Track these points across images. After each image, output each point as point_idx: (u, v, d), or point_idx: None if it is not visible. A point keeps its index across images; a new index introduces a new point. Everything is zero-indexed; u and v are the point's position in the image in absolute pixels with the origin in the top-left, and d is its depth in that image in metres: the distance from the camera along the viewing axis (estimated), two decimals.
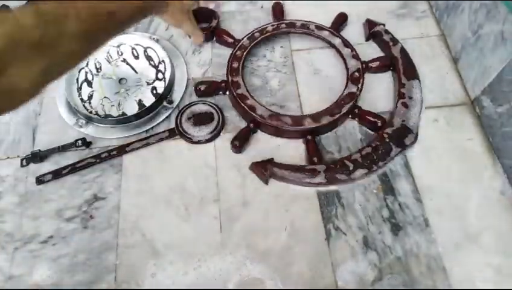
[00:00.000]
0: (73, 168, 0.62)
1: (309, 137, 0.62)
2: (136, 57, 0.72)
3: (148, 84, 0.70)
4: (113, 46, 0.72)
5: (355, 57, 0.68)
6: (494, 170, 0.60)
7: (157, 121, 0.67)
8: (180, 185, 0.61)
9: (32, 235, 0.58)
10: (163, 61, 0.70)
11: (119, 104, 0.68)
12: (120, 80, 0.71)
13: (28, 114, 0.69)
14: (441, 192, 0.59)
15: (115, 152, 0.64)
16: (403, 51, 0.70)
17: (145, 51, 0.72)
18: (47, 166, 0.63)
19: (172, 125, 0.66)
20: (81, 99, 0.68)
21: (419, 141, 0.63)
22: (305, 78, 0.71)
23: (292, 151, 0.64)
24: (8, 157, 0.65)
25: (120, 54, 0.72)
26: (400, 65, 0.68)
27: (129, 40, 0.72)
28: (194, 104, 0.67)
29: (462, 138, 0.63)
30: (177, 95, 0.69)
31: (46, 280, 0.55)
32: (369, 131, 0.65)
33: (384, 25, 0.73)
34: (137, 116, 0.65)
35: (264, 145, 0.64)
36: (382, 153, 0.60)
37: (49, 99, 0.70)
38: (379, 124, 0.63)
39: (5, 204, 0.61)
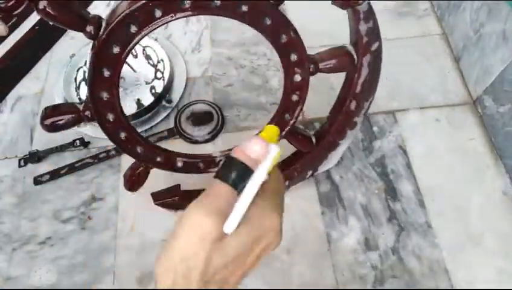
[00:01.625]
0: (71, 169, 0.62)
1: None
2: (135, 56, 0.72)
3: (147, 83, 0.70)
4: None
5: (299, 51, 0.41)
6: (497, 170, 0.60)
7: (156, 121, 0.66)
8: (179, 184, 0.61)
9: (30, 236, 0.57)
10: (162, 60, 0.69)
11: None
12: None
13: (26, 114, 0.68)
14: (442, 192, 0.58)
15: (113, 152, 0.63)
16: (376, 55, 0.45)
17: (143, 50, 0.71)
18: (45, 166, 0.63)
19: (172, 125, 0.65)
20: (79, 99, 0.68)
21: (421, 140, 0.62)
22: None
23: None
24: (6, 158, 0.64)
25: None
26: (358, 83, 0.47)
27: None
28: (193, 104, 0.66)
29: (464, 138, 0.63)
30: (176, 95, 0.69)
31: (44, 281, 0.54)
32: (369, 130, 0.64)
33: None
34: (135, 115, 0.64)
35: None
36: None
37: (47, 98, 0.70)
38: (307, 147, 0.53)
39: (2, 205, 0.60)
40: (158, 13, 0.34)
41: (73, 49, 0.72)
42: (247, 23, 0.37)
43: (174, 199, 0.52)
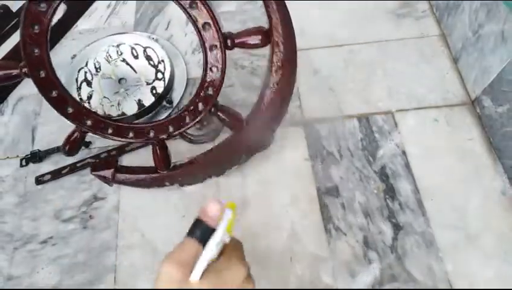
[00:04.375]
0: (73, 168, 0.62)
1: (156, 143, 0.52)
2: (136, 57, 0.72)
3: (148, 84, 0.70)
4: (113, 46, 0.72)
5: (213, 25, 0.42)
6: (495, 170, 0.60)
7: None
8: None
9: (31, 236, 0.58)
10: (162, 60, 0.70)
11: (118, 104, 0.68)
12: (119, 80, 0.71)
13: (28, 114, 0.69)
14: (441, 192, 0.59)
15: (114, 152, 0.64)
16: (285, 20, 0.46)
17: (144, 51, 0.72)
18: (46, 166, 0.63)
19: None
20: (81, 99, 0.68)
21: (420, 140, 0.63)
22: (305, 78, 0.71)
23: None
24: (7, 157, 0.65)
25: (119, 53, 0.72)
26: (278, 54, 0.47)
27: (128, 39, 0.72)
28: None
29: (462, 138, 0.63)
30: (176, 95, 0.69)
31: (45, 280, 0.55)
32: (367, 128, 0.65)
33: None
34: (136, 116, 0.65)
35: None
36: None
37: None
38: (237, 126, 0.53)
39: (4, 204, 0.61)
40: None
41: (75, 50, 0.72)
42: None
43: (109, 173, 0.55)
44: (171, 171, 0.56)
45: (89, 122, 0.48)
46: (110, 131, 0.49)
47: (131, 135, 0.50)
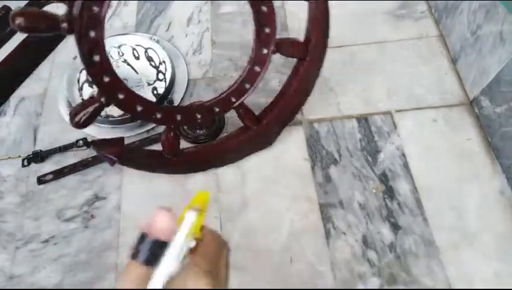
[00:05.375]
0: (74, 168, 0.63)
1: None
2: (137, 58, 0.73)
3: (149, 84, 0.70)
4: (114, 47, 0.72)
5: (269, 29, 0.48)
6: (493, 169, 0.60)
7: None
8: (181, 184, 0.61)
9: (33, 235, 0.58)
10: (163, 61, 0.70)
11: None
12: None
13: (29, 114, 0.69)
14: (440, 192, 0.59)
15: None
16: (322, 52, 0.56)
17: (145, 52, 0.72)
18: (48, 166, 0.64)
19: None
20: (82, 100, 0.68)
21: (419, 141, 0.63)
22: None
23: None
24: (9, 157, 0.65)
25: (121, 54, 0.73)
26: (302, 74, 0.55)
27: (130, 40, 0.72)
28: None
29: (461, 138, 0.63)
30: (177, 96, 0.69)
31: (47, 279, 0.55)
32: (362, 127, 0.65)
33: None
34: None
35: None
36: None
37: (50, 99, 0.71)
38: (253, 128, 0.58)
39: (6, 204, 0.61)
40: None
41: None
42: None
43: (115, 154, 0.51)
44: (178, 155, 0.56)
45: (139, 109, 0.46)
46: (159, 116, 0.48)
47: (179, 118, 0.50)
